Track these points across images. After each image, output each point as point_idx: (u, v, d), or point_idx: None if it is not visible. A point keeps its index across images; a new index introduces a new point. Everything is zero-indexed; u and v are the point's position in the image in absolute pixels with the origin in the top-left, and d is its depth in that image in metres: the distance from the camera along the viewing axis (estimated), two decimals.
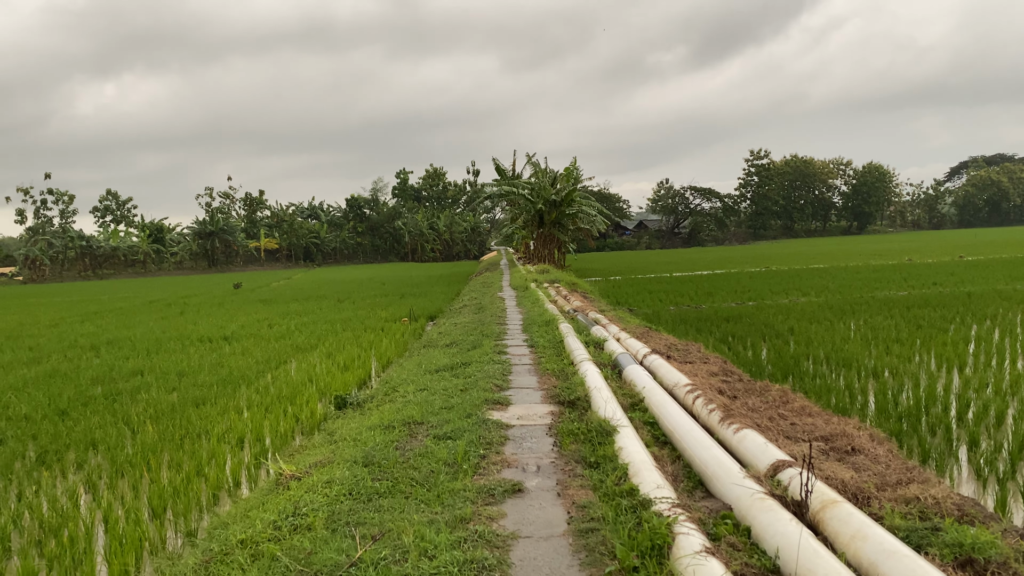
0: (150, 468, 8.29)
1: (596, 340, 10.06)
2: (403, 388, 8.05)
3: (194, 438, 9.96)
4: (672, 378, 7.02)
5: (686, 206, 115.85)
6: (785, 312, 18.91)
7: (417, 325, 21.53)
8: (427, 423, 6.26)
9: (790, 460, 4.23)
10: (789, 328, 16.28)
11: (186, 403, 12.00)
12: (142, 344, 19.54)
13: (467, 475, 4.78)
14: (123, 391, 13.13)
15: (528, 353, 10.72)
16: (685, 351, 9.23)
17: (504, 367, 9.29)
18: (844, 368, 12.05)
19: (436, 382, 8.13)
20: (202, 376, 14.35)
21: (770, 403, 5.99)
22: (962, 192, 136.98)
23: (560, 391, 7.37)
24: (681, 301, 23.71)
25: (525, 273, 34.95)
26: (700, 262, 53.18)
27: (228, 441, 9.63)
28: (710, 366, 8.00)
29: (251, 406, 11.74)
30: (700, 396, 5.95)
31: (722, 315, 18.66)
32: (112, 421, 11.02)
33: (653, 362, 7.88)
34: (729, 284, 29.16)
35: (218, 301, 35.82)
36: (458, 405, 6.73)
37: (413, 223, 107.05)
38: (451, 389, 7.57)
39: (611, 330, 11.39)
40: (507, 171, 50.23)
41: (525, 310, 16.82)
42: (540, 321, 13.14)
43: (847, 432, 5.05)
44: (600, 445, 5.16)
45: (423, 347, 12.76)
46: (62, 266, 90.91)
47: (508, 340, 12.30)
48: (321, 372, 14.37)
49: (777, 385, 6.63)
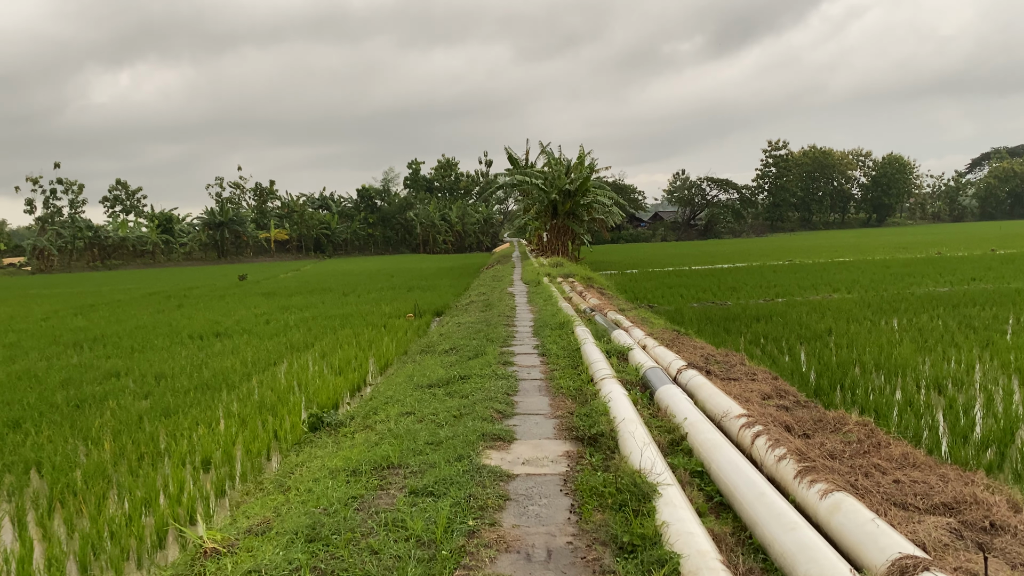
0: (85, 500, 6.98)
1: (618, 348, 8.58)
2: (385, 411, 6.63)
3: (154, 457, 8.66)
4: (718, 404, 5.62)
5: (703, 197, 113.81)
6: (819, 310, 17.43)
7: (422, 322, 20.19)
8: (405, 467, 4.83)
9: (922, 558, 2.86)
10: (827, 328, 14.82)
11: (156, 412, 10.72)
12: (128, 341, 18.31)
13: (447, 568, 3.37)
14: (91, 397, 11.85)
15: (539, 364, 9.28)
16: (726, 363, 7.82)
17: (509, 384, 7.82)
18: (898, 377, 10.61)
19: (426, 403, 6.69)
20: (182, 380, 13.08)
21: (854, 445, 4.57)
22: (984, 184, 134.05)
23: (578, 421, 5.90)
24: (704, 297, 22.24)
25: (538, 266, 33.52)
26: (719, 255, 51.55)
27: (193, 462, 8.32)
28: (759, 384, 6.60)
29: (228, 416, 10.44)
30: (761, 434, 4.56)
31: (751, 313, 17.20)
32: (69, 435, 9.74)
33: (691, 381, 6.47)
34: (753, 279, 27.63)
35: (220, 294, 34.63)
36: (448, 440, 5.26)
37: (425, 214, 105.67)
38: (442, 414, 6.14)
39: (635, 335, 9.95)
40: (520, 160, 48.73)
41: (537, 308, 15.38)
42: (553, 323, 11.63)
43: (977, 497, 3.67)
44: (636, 516, 3.72)
45: (420, 352, 11.36)
46: (70, 256, 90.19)
47: (516, 346, 10.86)
48: (312, 376, 13.07)
49: (855, 417, 5.18)
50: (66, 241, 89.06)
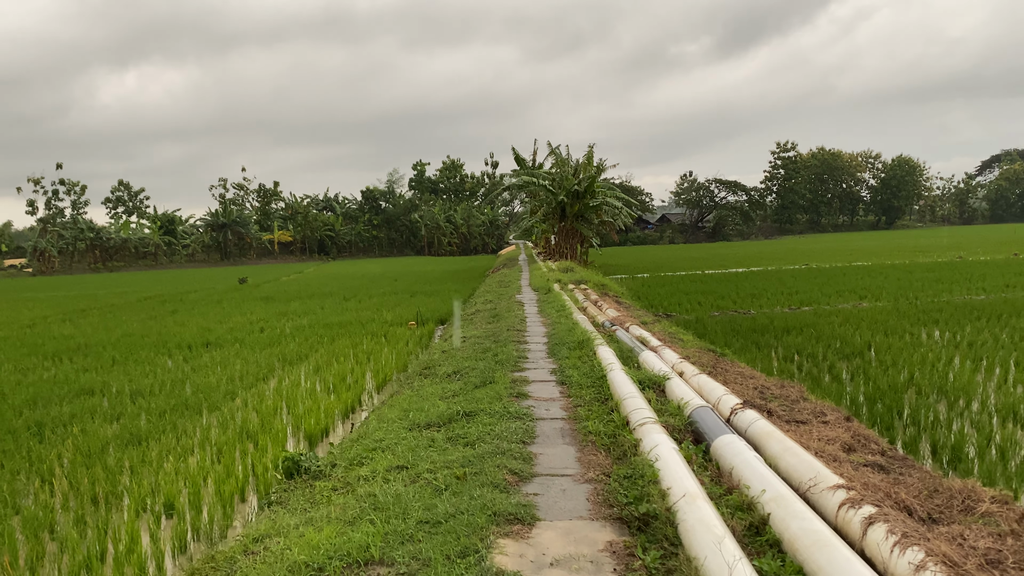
0: (12, 563, 5.80)
1: (652, 377, 7.22)
2: (372, 462, 5.32)
3: (110, 499, 7.48)
4: (797, 465, 4.33)
5: (711, 199, 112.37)
6: (852, 321, 16.17)
7: (424, 330, 18.99)
8: (389, 564, 3.57)
9: None
10: (866, 342, 13.57)
11: (124, 440, 9.54)
12: (111, 352, 17.14)
13: None
14: (55, 420, 10.68)
15: (558, 396, 7.85)
16: (784, 398, 6.57)
17: (525, 426, 6.36)
18: (962, 404, 9.38)
19: (421, 453, 5.37)
20: (160, 399, 11.90)
21: (1010, 541, 3.34)
22: (994, 186, 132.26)
23: (619, 489, 4.51)
24: (724, 305, 20.99)
25: (546, 271, 32.27)
26: (730, 258, 50.26)
27: (153, 507, 7.12)
28: (833, 429, 5.37)
29: (203, 444, 9.26)
30: (876, 520, 3.33)
31: (779, 324, 15.94)
32: (20, 467, 8.57)
33: (752, 427, 5.20)
34: (772, 284, 26.35)
35: (217, 298, 33.49)
36: (447, 521, 3.93)
37: (430, 216, 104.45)
38: (442, 472, 4.81)
39: (667, 356, 8.66)
40: (527, 161, 47.52)
41: (550, 321, 14.11)
42: (571, 340, 10.28)
43: None
44: None
45: (420, 373, 10.11)
46: (72, 258, 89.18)
47: (530, 370, 9.47)
48: (303, 394, 11.89)
49: (990, 491, 3.91)
50: (67, 242, 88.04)
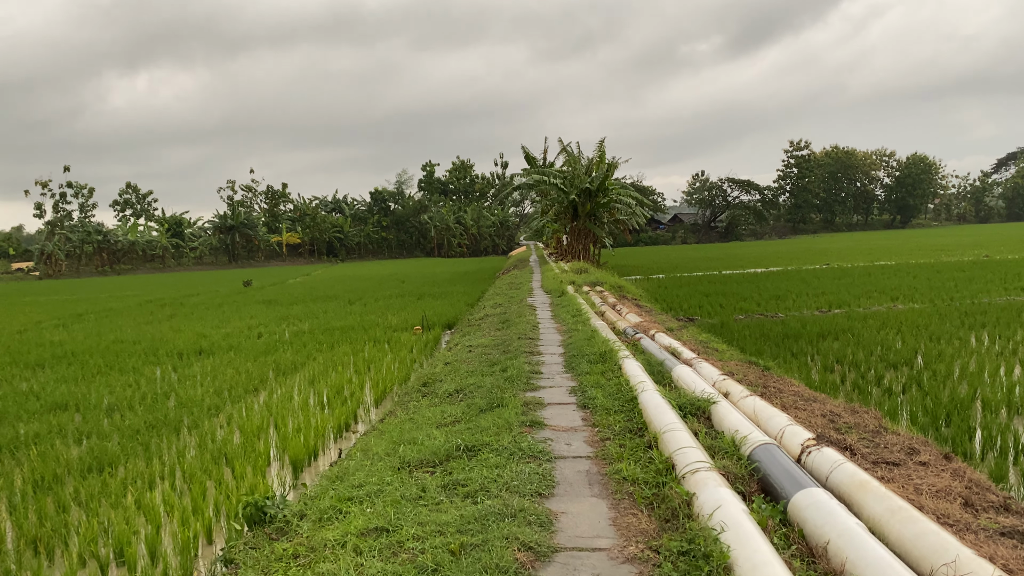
0: None
1: (694, 400, 5.88)
2: (345, 519, 4.05)
3: (51, 544, 6.38)
4: (920, 540, 3.12)
5: (724, 199, 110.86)
6: (892, 324, 14.95)
7: (430, 336, 17.88)
8: None
9: None
10: (912, 350, 12.36)
11: (87, 465, 8.46)
12: (97, 360, 16.11)
13: None
14: (16, 441, 9.61)
15: (581, 424, 6.38)
16: (861, 427, 5.37)
17: (541, 470, 4.96)
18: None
19: (408, 509, 4.04)
20: (137, 414, 10.82)
21: None
22: (1011, 184, 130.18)
23: None
24: (748, 307, 19.76)
25: (559, 272, 31.08)
26: (746, 258, 48.95)
27: (99, 555, 6.02)
28: (938, 476, 4.21)
29: (174, 472, 8.16)
30: None
31: (812, 329, 14.73)
32: None
33: (838, 475, 3.91)
34: (796, 285, 25.09)
35: (219, 302, 32.50)
36: None
37: (439, 217, 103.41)
38: (431, 543, 3.41)
39: (704, 371, 7.43)
40: (537, 160, 46.34)
41: (565, 327, 12.89)
42: (591, 352, 8.93)
43: None
44: None
45: (418, 390, 8.92)
46: (79, 261, 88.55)
47: (545, 389, 8.05)
48: (295, 408, 10.80)
49: None
50: (74, 245, 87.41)
